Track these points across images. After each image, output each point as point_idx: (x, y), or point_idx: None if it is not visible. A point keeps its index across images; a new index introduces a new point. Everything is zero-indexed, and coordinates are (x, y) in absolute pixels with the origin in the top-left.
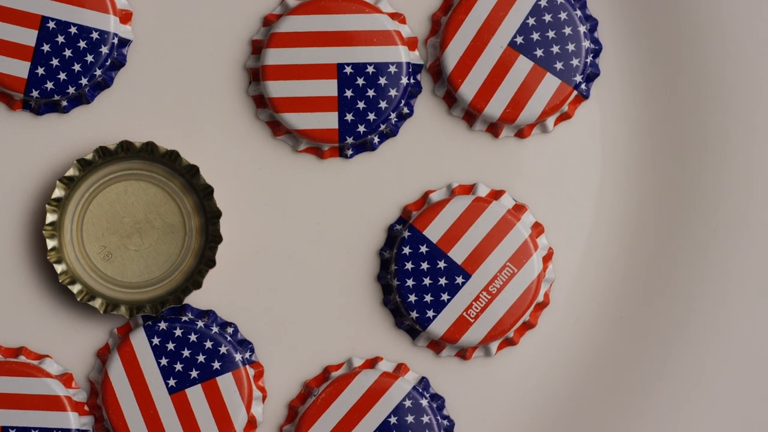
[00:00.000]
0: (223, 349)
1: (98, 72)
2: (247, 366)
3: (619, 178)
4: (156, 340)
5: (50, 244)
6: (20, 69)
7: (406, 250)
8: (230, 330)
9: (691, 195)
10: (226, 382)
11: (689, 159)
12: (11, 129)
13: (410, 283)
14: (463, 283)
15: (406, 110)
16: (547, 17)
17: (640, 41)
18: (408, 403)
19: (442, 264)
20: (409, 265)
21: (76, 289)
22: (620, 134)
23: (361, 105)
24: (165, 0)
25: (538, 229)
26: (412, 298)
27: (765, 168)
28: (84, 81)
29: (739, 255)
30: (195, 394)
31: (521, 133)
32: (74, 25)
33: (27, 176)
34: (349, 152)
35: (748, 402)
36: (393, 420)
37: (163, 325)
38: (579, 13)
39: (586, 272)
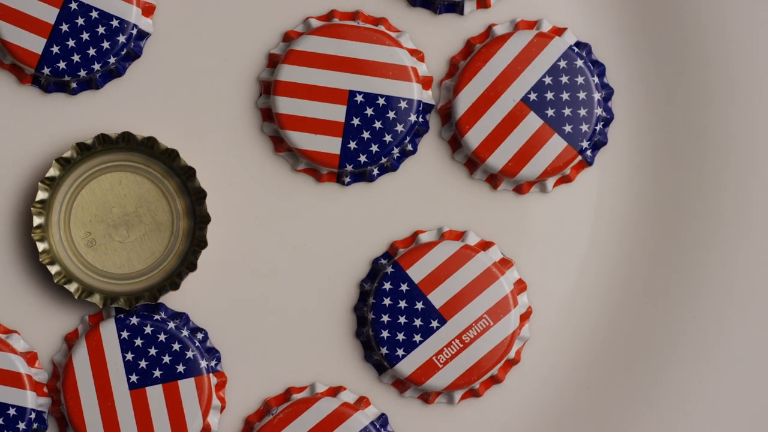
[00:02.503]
0: (189, 354)
1: (112, 60)
2: (211, 374)
3: (608, 249)
4: (125, 334)
5: (36, 221)
6: (36, 44)
7: (387, 286)
8: (200, 336)
9: (675, 280)
10: (187, 387)
11: (680, 244)
12: (17, 102)
13: (385, 318)
14: (438, 328)
15: (409, 147)
16: (564, 79)
17: (653, 117)
18: None
19: (419, 305)
20: (387, 301)
21: (54, 270)
22: (617, 206)
23: (366, 135)
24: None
25: (520, 286)
26: (385, 333)
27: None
28: (96, 66)
29: (714, 351)
30: (154, 394)
31: (520, 189)
32: (96, 9)
33: (24, 151)
34: (347, 179)
35: None
36: None
37: (134, 320)
38: (596, 80)
39: (561, 337)
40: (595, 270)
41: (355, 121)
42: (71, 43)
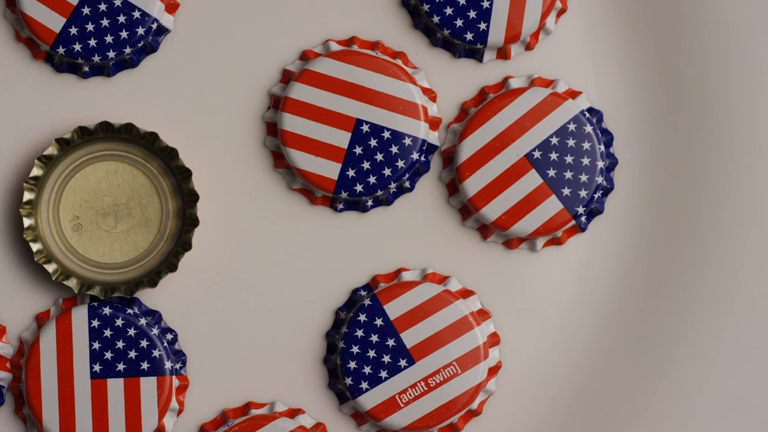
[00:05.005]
0: (156, 353)
1: (128, 50)
2: (174, 376)
3: (587, 317)
4: (95, 323)
5: (27, 196)
6: (55, 22)
7: (362, 318)
8: (170, 337)
9: (649, 361)
10: (148, 385)
11: (662, 327)
12: (27, 77)
13: (355, 349)
14: (405, 367)
15: (407, 184)
16: (571, 142)
17: (654, 195)
18: None
19: (391, 342)
20: (359, 333)
21: (36, 248)
22: (603, 277)
23: (366, 165)
24: (215, 2)
25: (494, 339)
26: (352, 364)
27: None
28: (111, 54)
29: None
30: (115, 387)
31: (509, 243)
32: None
33: (26, 127)
34: (340, 206)
35: None
36: None
37: (107, 311)
38: (602, 148)
39: (525, 396)
40: (570, 337)
41: (358, 150)
42: (90, 27)
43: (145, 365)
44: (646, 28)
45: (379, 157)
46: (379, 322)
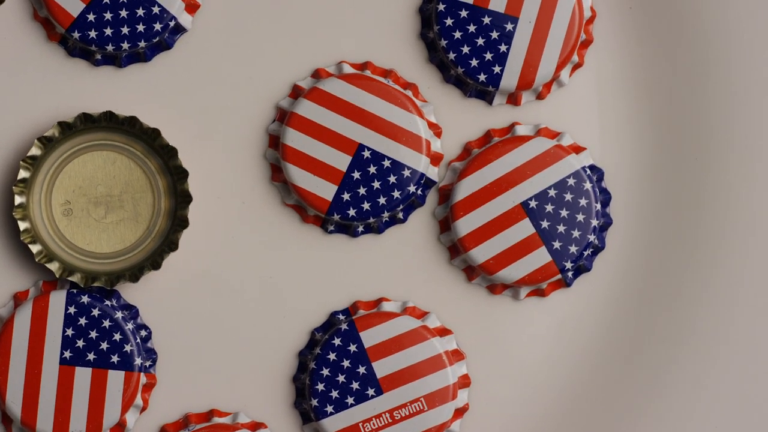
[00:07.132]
0: (127, 348)
1: (142, 44)
2: (142, 374)
3: (561, 371)
4: (72, 309)
5: (22, 175)
6: (73, 5)
7: (337, 341)
8: (144, 333)
9: (621, 426)
10: (115, 379)
11: (638, 392)
12: (39, 57)
13: (325, 372)
14: (373, 396)
15: (400, 216)
16: (568, 196)
17: (645, 257)
18: None
19: (362, 370)
20: (332, 356)
21: (23, 226)
22: (583, 334)
23: (362, 191)
24: (236, 9)
25: (464, 381)
26: (320, 386)
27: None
28: (125, 45)
29: None
30: (82, 375)
31: (492, 288)
32: None
33: (31, 107)
34: (330, 228)
35: None
36: None
37: (84, 299)
38: (598, 206)
39: None
40: (541, 388)
41: (356, 175)
42: (108, 15)
43: (115, 358)
44: (657, 94)
45: (376, 184)
46: (353, 348)
